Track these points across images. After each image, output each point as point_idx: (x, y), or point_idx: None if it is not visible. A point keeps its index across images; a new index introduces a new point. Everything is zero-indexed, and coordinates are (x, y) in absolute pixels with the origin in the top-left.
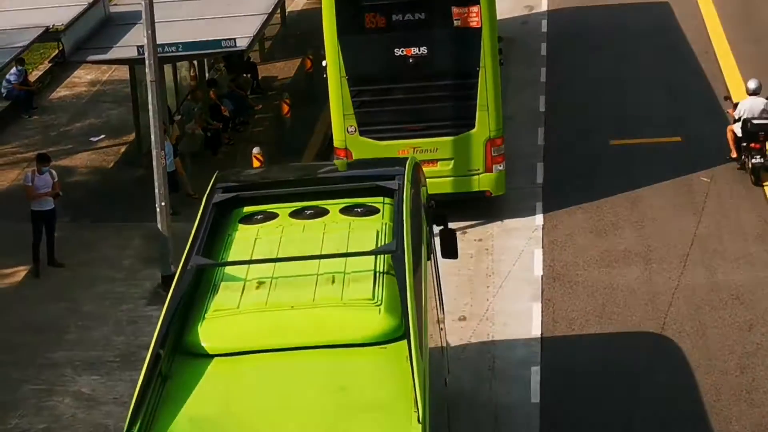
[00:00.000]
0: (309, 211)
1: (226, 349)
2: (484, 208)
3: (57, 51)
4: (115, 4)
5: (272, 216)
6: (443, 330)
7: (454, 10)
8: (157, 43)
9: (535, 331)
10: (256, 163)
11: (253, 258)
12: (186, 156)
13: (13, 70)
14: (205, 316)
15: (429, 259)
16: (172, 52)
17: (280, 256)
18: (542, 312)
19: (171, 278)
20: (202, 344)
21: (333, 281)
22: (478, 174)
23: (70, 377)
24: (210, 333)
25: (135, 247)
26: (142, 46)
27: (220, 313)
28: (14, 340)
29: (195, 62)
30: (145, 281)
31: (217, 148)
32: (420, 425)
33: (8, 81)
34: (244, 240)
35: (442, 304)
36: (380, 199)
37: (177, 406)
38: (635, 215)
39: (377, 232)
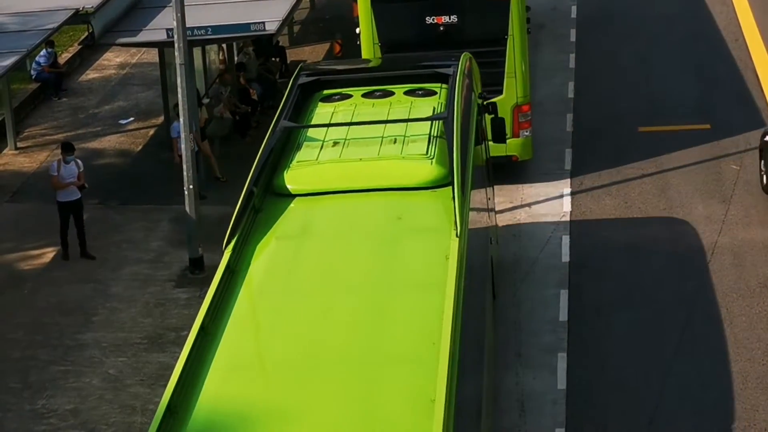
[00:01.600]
0: (378, 93)
1: (305, 190)
2: (512, 194)
3: (86, 33)
4: None
5: (347, 96)
6: (492, 205)
7: None
8: (187, 26)
9: (562, 317)
10: None
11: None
12: (214, 140)
13: (43, 52)
14: (290, 165)
15: (480, 143)
16: (202, 35)
17: (352, 132)
18: (569, 298)
19: (199, 261)
20: (287, 186)
21: (395, 141)
22: (506, 139)
23: (97, 359)
24: (293, 178)
25: (163, 230)
26: (171, 29)
27: (302, 164)
28: (42, 321)
29: (224, 46)
30: (173, 264)
31: (246, 132)
32: (458, 239)
33: (38, 63)
34: (324, 113)
35: (492, 188)
36: (438, 85)
37: (266, 229)
38: (663, 202)
39: (433, 108)
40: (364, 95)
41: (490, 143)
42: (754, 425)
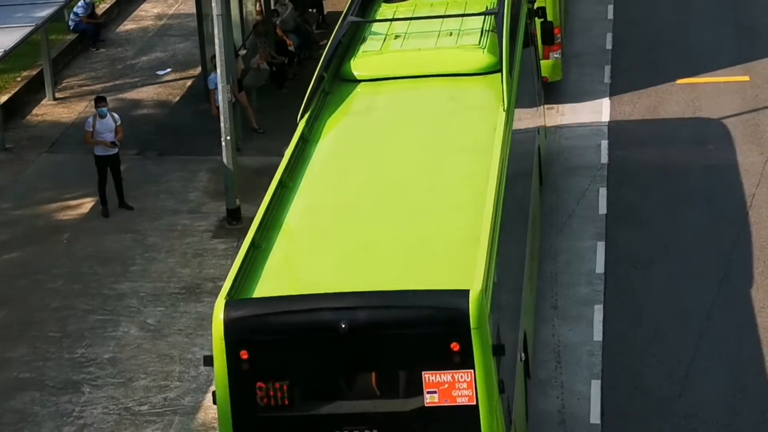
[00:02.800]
0: None
1: (370, 76)
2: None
3: None
4: None
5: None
6: (541, 102)
7: None
8: None
9: (599, 269)
10: None
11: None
12: (251, 91)
13: (81, 3)
14: (356, 55)
15: (528, 45)
16: None
17: (413, 26)
18: (606, 251)
19: (236, 212)
20: (354, 73)
21: (450, 34)
22: (554, 41)
23: (135, 308)
24: (359, 66)
25: (200, 181)
26: None
27: (367, 54)
28: (80, 271)
29: None
30: (211, 214)
31: (283, 83)
32: (504, 113)
33: (75, 14)
34: (386, 13)
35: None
36: None
37: (335, 107)
38: (701, 155)
39: (486, 6)
40: None
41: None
42: None
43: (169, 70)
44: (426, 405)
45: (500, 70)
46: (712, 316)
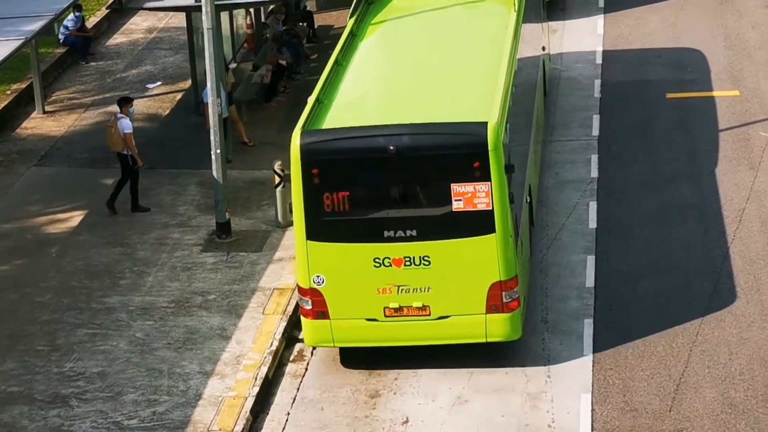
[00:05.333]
0: None
1: None
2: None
3: None
4: None
5: None
6: (546, 20)
7: None
8: None
9: (589, 283)
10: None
11: None
12: (241, 104)
13: (71, 16)
14: None
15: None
16: None
17: None
18: (596, 265)
19: (226, 225)
20: None
21: None
22: None
23: (124, 322)
24: None
25: (190, 194)
26: None
27: None
28: (70, 284)
29: (251, 10)
30: (200, 228)
31: (272, 97)
32: (515, 13)
33: (65, 27)
34: None
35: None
36: None
37: (377, 11)
38: (691, 169)
39: None
40: None
41: None
42: None
43: (159, 83)
44: (453, 210)
45: None
46: (702, 331)
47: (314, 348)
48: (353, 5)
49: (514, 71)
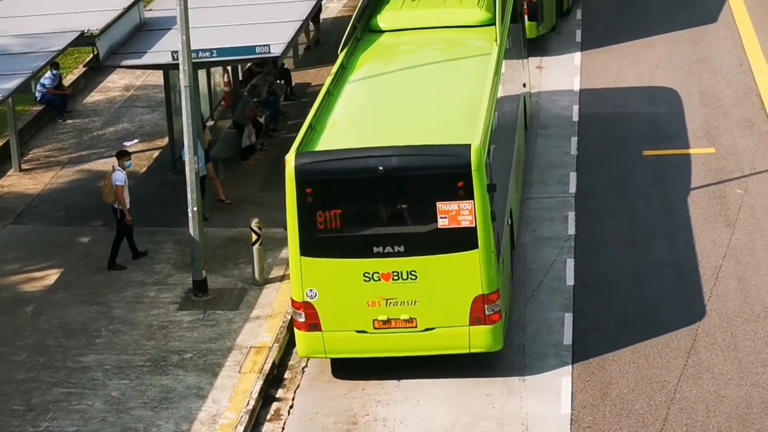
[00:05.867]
0: None
1: (393, 27)
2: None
3: (91, 55)
4: (150, 9)
5: None
6: (525, 56)
7: None
8: (192, 48)
9: (567, 341)
10: None
11: None
12: (218, 162)
13: (48, 74)
14: (381, 12)
15: (516, 22)
16: (206, 57)
17: None
18: (574, 322)
19: (202, 283)
20: (380, 25)
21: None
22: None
23: (100, 381)
24: (384, 20)
25: (167, 252)
26: (176, 52)
27: (390, 11)
28: (45, 343)
29: (229, 68)
30: (177, 286)
31: (249, 155)
32: (497, 46)
33: (42, 85)
34: None
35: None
36: None
37: (366, 47)
38: (668, 226)
39: None
40: None
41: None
42: None
43: (136, 141)
44: (439, 227)
45: (494, 23)
46: (680, 388)
47: (291, 407)
48: (344, 40)
49: (496, 100)
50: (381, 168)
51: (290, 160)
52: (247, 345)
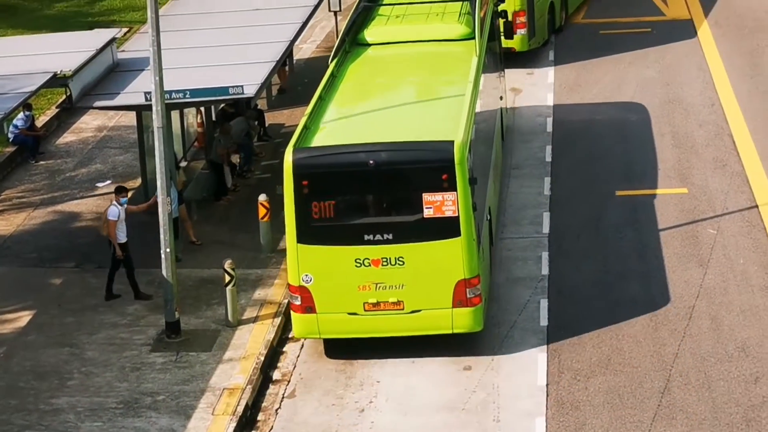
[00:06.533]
0: None
1: (379, 41)
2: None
3: (64, 97)
4: (123, 51)
5: None
6: (502, 70)
7: None
8: (165, 89)
9: (541, 382)
10: (262, 211)
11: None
12: (191, 203)
13: (21, 115)
14: (368, 27)
15: (493, 40)
16: (180, 98)
17: (409, 12)
18: (548, 362)
19: (175, 325)
20: (367, 39)
21: (437, 14)
22: (513, 36)
23: (72, 423)
24: (370, 34)
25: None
26: (149, 93)
27: (376, 26)
28: (17, 386)
29: (202, 109)
30: (149, 328)
31: (222, 196)
32: (477, 57)
33: (15, 126)
34: (389, 3)
35: (502, 62)
36: None
37: (354, 58)
38: (641, 266)
39: (462, 2)
40: None
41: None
42: None
43: (108, 182)
44: (425, 216)
45: (474, 37)
46: (654, 429)
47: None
48: (333, 53)
49: (476, 104)
50: (371, 162)
51: (288, 154)
52: (221, 387)
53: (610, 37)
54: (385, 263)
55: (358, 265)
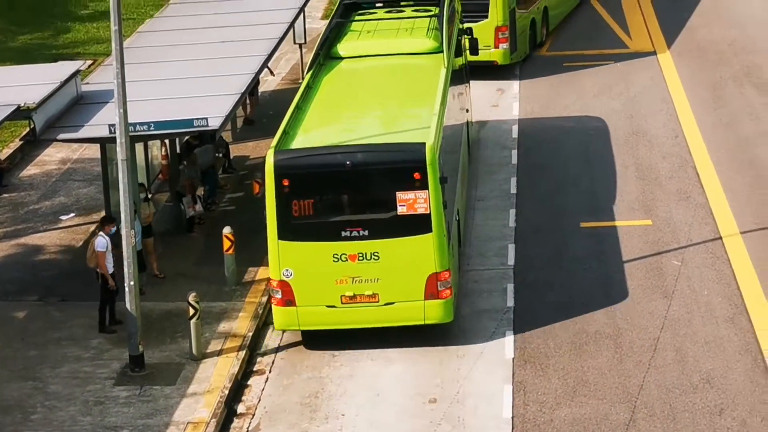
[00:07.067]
0: (395, 9)
1: (351, 54)
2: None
3: (28, 129)
4: (87, 83)
5: (375, 11)
6: (467, 81)
7: None
8: (129, 121)
9: (506, 414)
10: (227, 243)
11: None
12: (155, 235)
13: None
14: (341, 41)
15: (459, 55)
16: (144, 130)
17: (380, 27)
18: (513, 394)
19: (139, 358)
20: (340, 53)
21: (406, 29)
22: (479, 52)
23: None
24: (343, 48)
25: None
26: (113, 125)
27: (348, 41)
28: None
29: (166, 141)
30: (113, 361)
31: (190, 228)
32: (444, 68)
33: None
34: (360, 20)
35: (468, 75)
36: (434, 8)
37: (328, 71)
38: (606, 298)
39: (431, 14)
40: (386, 11)
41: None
42: None
43: (72, 215)
44: (398, 214)
45: (442, 51)
46: None
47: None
48: (308, 66)
49: (445, 111)
50: (348, 162)
51: (269, 156)
52: (185, 420)
53: (574, 69)
54: (361, 258)
55: (336, 260)
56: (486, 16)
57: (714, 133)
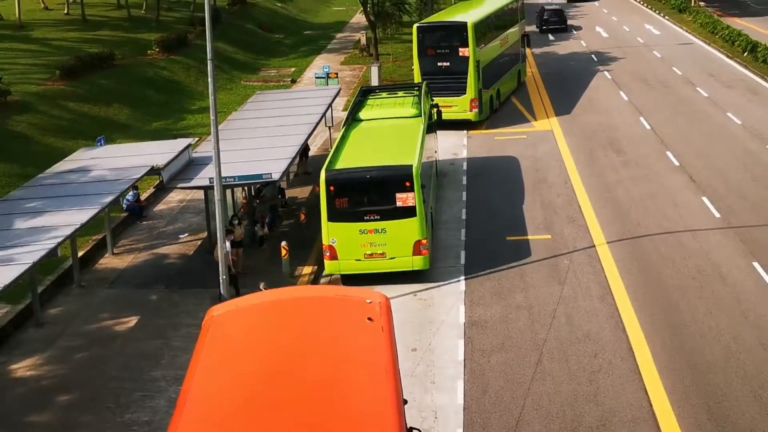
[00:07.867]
0: (392, 93)
1: (369, 118)
2: (428, 277)
3: (158, 180)
4: (196, 152)
5: (381, 94)
6: (436, 141)
7: None
8: (222, 175)
9: (460, 357)
10: (283, 252)
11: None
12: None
13: (131, 192)
14: (361, 111)
15: (431, 119)
16: (231, 181)
17: (384, 103)
18: (464, 345)
19: None
20: (360, 117)
21: (400, 104)
22: (466, 112)
23: (164, 387)
24: (363, 114)
25: (206, 305)
26: (212, 178)
27: (366, 111)
28: (128, 364)
29: (245, 187)
30: None
31: (261, 245)
32: (422, 124)
33: (127, 200)
34: (372, 98)
35: (436, 135)
36: (416, 90)
37: (355, 125)
38: (522, 284)
39: (414, 96)
40: (387, 94)
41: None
42: (581, 426)
43: (186, 234)
44: (397, 206)
45: (421, 116)
46: (532, 387)
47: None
48: (342, 124)
49: (423, 148)
50: (368, 176)
51: (323, 172)
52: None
53: (501, 141)
54: (376, 232)
55: (361, 233)
56: (465, 92)
57: (589, 180)
